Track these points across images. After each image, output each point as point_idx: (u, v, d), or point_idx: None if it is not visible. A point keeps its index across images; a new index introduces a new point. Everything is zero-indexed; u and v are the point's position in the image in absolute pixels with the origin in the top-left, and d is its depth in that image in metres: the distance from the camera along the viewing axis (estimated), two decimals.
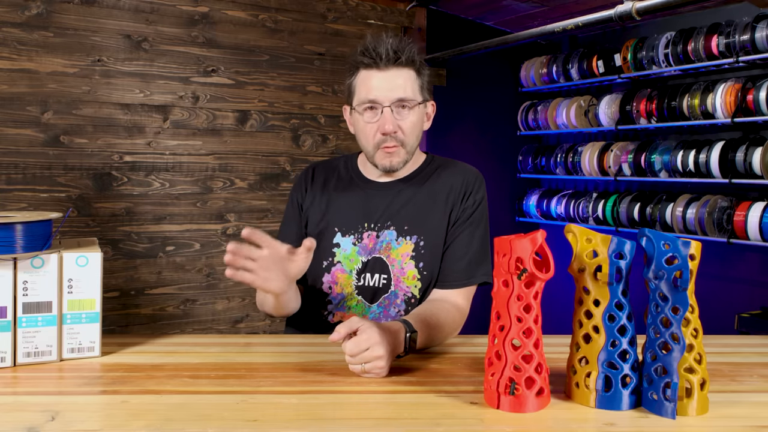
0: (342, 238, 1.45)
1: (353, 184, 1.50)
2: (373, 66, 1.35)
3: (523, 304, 0.97)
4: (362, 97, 1.37)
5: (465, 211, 1.45)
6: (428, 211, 1.44)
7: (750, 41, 3.01)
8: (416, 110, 1.39)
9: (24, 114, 2.52)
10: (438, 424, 0.92)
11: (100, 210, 2.68)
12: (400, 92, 1.35)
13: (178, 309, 2.85)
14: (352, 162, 1.54)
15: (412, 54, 1.37)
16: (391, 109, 1.35)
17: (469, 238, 1.44)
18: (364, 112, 1.37)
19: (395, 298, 1.43)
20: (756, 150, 3.02)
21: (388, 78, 1.35)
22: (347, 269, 1.43)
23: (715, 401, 1.00)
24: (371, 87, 1.35)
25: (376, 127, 1.37)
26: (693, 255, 0.96)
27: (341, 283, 1.44)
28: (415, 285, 1.42)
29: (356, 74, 1.39)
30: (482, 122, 4.32)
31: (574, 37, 4.25)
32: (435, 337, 1.29)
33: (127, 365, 1.17)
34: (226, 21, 2.90)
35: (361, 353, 1.09)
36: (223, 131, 2.92)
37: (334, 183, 1.51)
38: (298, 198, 1.53)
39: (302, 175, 1.57)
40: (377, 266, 1.42)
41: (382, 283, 1.43)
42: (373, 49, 1.34)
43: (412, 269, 1.42)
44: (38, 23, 2.52)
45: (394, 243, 1.42)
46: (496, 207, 4.45)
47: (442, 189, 1.46)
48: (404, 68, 1.36)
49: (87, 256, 1.19)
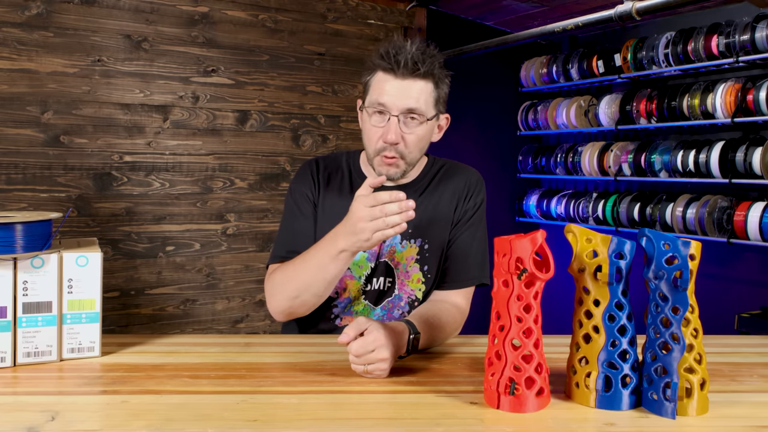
0: None
1: (357, 187, 1.44)
2: (390, 71, 1.31)
3: (523, 304, 0.97)
4: (373, 99, 1.33)
5: (466, 213, 1.45)
6: (432, 214, 1.43)
7: (750, 41, 3.01)
8: (425, 126, 1.34)
9: (24, 114, 2.52)
10: (438, 424, 0.92)
11: (100, 210, 2.68)
12: (411, 103, 1.30)
13: (178, 309, 2.85)
14: (355, 162, 1.50)
15: (433, 66, 1.31)
16: (399, 118, 1.31)
17: (470, 240, 1.44)
18: (372, 114, 1.34)
19: (399, 300, 1.43)
20: (756, 150, 3.02)
21: (402, 87, 1.30)
22: (356, 275, 1.42)
23: (715, 401, 1.00)
24: (383, 91, 1.31)
25: (380, 132, 1.33)
26: (693, 255, 0.96)
27: (349, 288, 1.42)
28: (420, 288, 1.42)
29: (374, 74, 1.34)
30: (482, 122, 4.32)
31: (574, 37, 4.25)
32: (436, 337, 1.29)
33: (127, 365, 1.17)
34: (226, 21, 2.90)
35: (367, 354, 1.09)
36: (223, 131, 2.92)
37: (338, 183, 1.47)
38: (307, 192, 1.45)
39: (307, 169, 1.49)
40: (383, 270, 1.42)
41: (387, 287, 1.42)
42: (394, 56, 1.29)
43: (417, 272, 1.42)
44: (38, 23, 2.52)
45: (398, 246, 1.42)
46: (496, 207, 4.45)
47: (446, 191, 1.45)
48: (421, 80, 1.31)
49: (87, 256, 1.19)
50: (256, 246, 3.01)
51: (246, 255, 3.00)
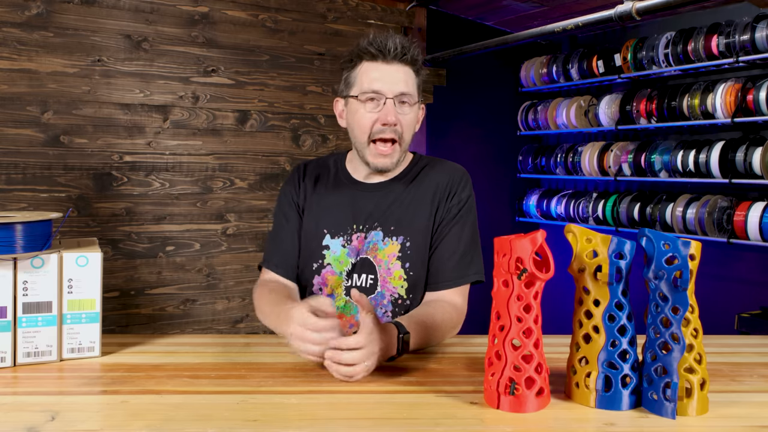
0: (331, 240, 1.44)
1: (341, 185, 1.49)
2: (378, 58, 1.36)
3: (523, 304, 0.97)
4: (365, 87, 1.37)
5: (450, 211, 1.44)
6: (414, 211, 1.44)
7: (750, 41, 3.01)
8: (414, 108, 1.41)
9: (24, 114, 2.52)
10: (438, 424, 0.92)
11: (100, 210, 2.68)
12: (402, 86, 1.37)
13: (178, 309, 2.85)
14: (341, 162, 1.54)
15: (416, 54, 1.39)
16: (393, 101, 1.36)
17: (456, 237, 1.43)
18: (366, 102, 1.37)
19: (382, 298, 1.42)
20: (756, 150, 3.02)
21: (391, 71, 1.36)
22: (337, 271, 1.43)
23: (715, 401, 1.00)
24: (375, 78, 1.36)
25: (376, 117, 1.36)
26: (693, 255, 0.96)
27: (331, 284, 1.44)
28: (402, 285, 1.42)
29: (359, 65, 1.39)
30: (482, 122, 4.32)
31: (574, 37, 4.25)
32: (432, 336, 1.29)
33: (127, 365, 1.17)
34: (226, 21, 2.90)
35: (353, 355, 1.08)
36: (223, 131, 2.92)
37: (324, 183, 1.51)
38: (293, 196, 1.51)
39: (294, 174, 1.55)
40: (365, 267, 1.42)
41: (369, 284, 1.42)
42: (381, 42, 1.36)
43: (399, 270, 1.42)
44: (38, 23, 2.52)
45: (380, 243, 1.42)
46: (496, 207, 4.45)
47: (428, 189, 1.46)
48: (407, 65, 1.38)
49: (87, 256, 1.19)
50: (256, 246, 3.01)
51: (246, 255, 3.00)
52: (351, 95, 1.41)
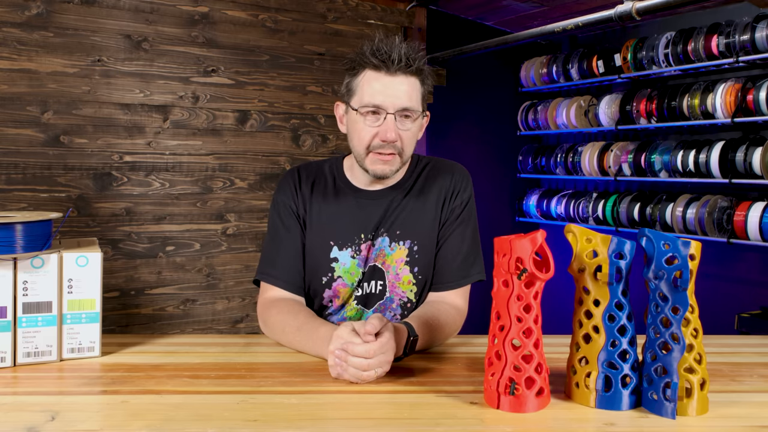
0: (339, 251, 1.40)
1: (343, 193, 1.44)
2: (381, 69, 1.29)
3: (523, 304, 0.97)
4: (366, 101, 1.30)
5: (453, 211, 1.43)
6: (419, 215, 1.42)
7: (750, 41, 3.01)
8: (417, 122, 1.34)
9: (24, 114, 2.52)
10: (438, 424, 0.92)
11: (100, 210, 2.68)
12: (405, 101, 1.30)
13: (178, 309, 2.85)
14: (338, 168, 1.47)
15: (422, 63, 1.32)
16: (394, 117, 1.30)
17: (460, 238, 1.42)
18: (366, 115, 1.31)
19: (391, 303, 1.42)
20: (756, 150, 3.02)
21: (395, 84, 1.29)
22: (348, 282, 1.40)
23: (715, 401, 1.00)
24: (376, 91, 1.29)
25: (375, 131, 1.31)
26: (693, 255, 0.96)
27: (342, 296, 1.42)
28: (411, 289, 1.42)
29: (361, 73, 1.32)
30: (482, 122, 4.32)
31: (574, 37, 4.25)
32: (436, 338, 1.30)
33: (127, 365, 1.17)
34: (226, 21, 2.90)
35: (379, 356, 1.08)
36: (223, 131, 2.92)
37: (322, 191, 1.44)
38: (292, 206, 1.43)
39: (288, 181, 1.45)
40: (374, 274, 1.41)
41: (378, 290, 1.41)
42: (386, 52, 1.28)
43: (407, 274, 1.41)
44: (38, 23, 2.52)
45: (387, 249, 1.40)
46: (496, 207, 4.45)
47: (431, 191, 1.44)
48: (411, 76, 1.30)
49: (87, 256, 1.19)
50: (256, 246, 3.01)
51: (246, 255, 3.00)
52: (351, 106, 1.35)
